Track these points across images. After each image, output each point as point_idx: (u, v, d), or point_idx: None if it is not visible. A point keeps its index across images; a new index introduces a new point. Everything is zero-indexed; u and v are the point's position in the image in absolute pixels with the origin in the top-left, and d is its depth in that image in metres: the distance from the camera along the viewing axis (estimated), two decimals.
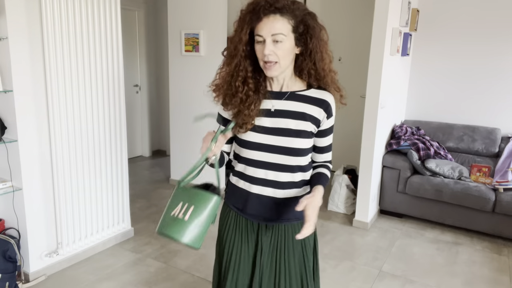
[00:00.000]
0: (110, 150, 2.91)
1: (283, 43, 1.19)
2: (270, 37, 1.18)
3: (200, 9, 3.95)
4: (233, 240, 1.42)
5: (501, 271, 2.89)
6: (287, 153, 1.30)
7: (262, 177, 1.34)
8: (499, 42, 3.78)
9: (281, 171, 1.32)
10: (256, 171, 1.34)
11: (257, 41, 1.21)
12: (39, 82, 2.41)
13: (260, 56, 1.22)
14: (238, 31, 1.24)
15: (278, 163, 1.31)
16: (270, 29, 1.17)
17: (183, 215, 1.19)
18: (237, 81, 1.27)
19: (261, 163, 1.32)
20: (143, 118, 5.71)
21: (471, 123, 3.98)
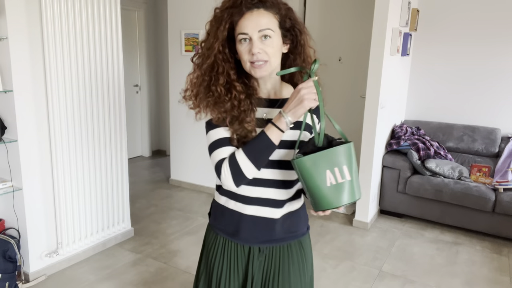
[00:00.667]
0: (110, 150, 2.91)
1: (272, 39, 1.08)
2: (257, 33, 1.05)
3: (200, 9, 3.95)
4: (221, 269, 1.24)
5: (501, 271, 2.89)
6: (286, 167, 1.16)
7: (258, 196, 1.17)
8: (499, 42, 3.78)
9: (280, 188, 1.18)
10: (251, 190, 1.17)
11: (240, 41, 1.08)
12: (39, 82, 2.41)
13: (245, 58, 1.08)
14: (212, 31, 1.10)
15: (276, 179, 1.17)
16: (256, 24, 1.05)
17: (344, 177, 1.02)
18: (218, 86, 1.10)
19: (257, 180, 1.16)
20: (143, 118, 5.71)
21: (471, 123, 3.98)
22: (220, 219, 1.26)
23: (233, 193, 1.20)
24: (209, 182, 4.30)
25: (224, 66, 1.11)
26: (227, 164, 1.08)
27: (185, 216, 3.68)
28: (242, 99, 1.11)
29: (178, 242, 3.16)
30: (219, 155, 1.11)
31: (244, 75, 1.15)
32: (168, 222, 3.54)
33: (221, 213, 1.25)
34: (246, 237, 1.21)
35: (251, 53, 1.07)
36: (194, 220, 3.59)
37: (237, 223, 1.21)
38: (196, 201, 4.05)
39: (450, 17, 3.96)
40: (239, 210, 1.20)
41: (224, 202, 1.24)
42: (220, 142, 1.12)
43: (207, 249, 1.29)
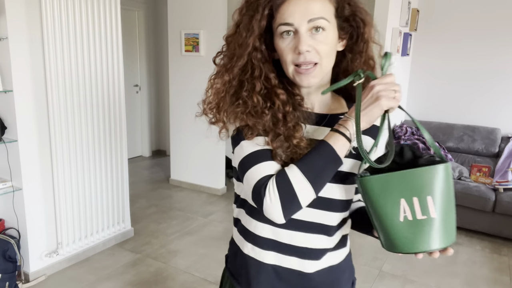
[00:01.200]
0: (110, 150, 2.91)
1: (326, 33, 0.79)
2: (306, 24, 0.77)
3: (200, 9, 3.95)
4: None
5: (501, 271, 2.89)
6: (327, 208, 0.86)
7: (286, 242, 0.88)
8: (499, 42, 3.78)
9: (316, 233, 0.87)
10: (277, 233, 0.87)
11: (281, 34, 0.80)
12: (39, 82, 2.41)
13: (288, 58, 0.80)
14: (245, 21, 0.81)
15: (311, 221, 0.86)
16: (306, 11, 0.77)
17: (426, 213, 0.72)
18: (254, 95, 0.81)
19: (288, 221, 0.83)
20: (143, 118, 5.71)
21: (471, 123, 3.98)
22: (234, 264, 0.98)
23: (252, 235, 0.90)
24: (209, 182, 4.30)
25: (262, 68, 0.82)
26: (274, 184, 0.76)
27: (185, 216, 3.68)
28: (289, 112, 0.82)
29: (178, 242, 3.16)
30: (261, 172, 0.79)
31: (285, 79, 0.86)
32: (168, 222, 3.54)
33: (235, 256, 0.97)
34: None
35: (296, 51, 0.78)
36: (194, 220, 3.59)
37: (255, 274, 0.91)
38: (196, 201, 4.05)
39: (450, 17, 3.96)
40: (257, 256, 0.90)
41: (239, 241, 0.95)
42: (261, 155, 0.81)
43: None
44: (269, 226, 0.87)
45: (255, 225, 0.90)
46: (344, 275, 0.97)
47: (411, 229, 0.74)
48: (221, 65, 0.85)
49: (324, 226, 0.88)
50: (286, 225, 0.86)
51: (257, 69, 0.82)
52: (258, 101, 0.81)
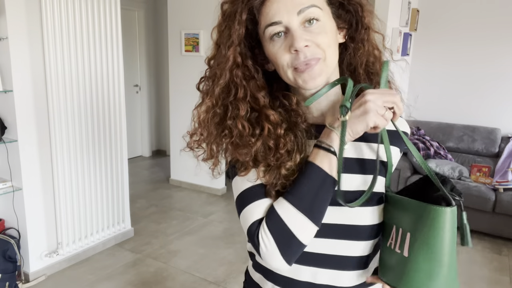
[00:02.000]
0: (110, 150, 2.91)
1: (321, 23, 0.67)
2: (296, 17, 0.66)
3: (200, 9, 3.95)
4: None
5: (501, 271, 2.89)
6: (352, 237, 0.72)
7: (308, 281, 0.75)
8: (499, 42, 3.78)
9: (342, 269, 0.74)
10: (298, 271, 0.75)
11: (271, 38, 0.68)
12: (39, 82, 2.41)
13: (284, 62, 0.68)
14: (224, 35, 0.71)
15: (336, 254, 0.73)
16: (293, 3, 0.65)
17: (401, 248, 0.66)
18: (238, 120, 0.69)
19: (306, 255, 0.73)
20: (143, 118, 5.71)
21: (471, 123, 3.98)
22: None
23: (270, 272, 0.78)
24: (209, 182, 4.30)
25: (246, 87, 0.70)
26: (265, 229, 0.67)
27: (185, 216, 3.68)
28: (281, 135, 0.69)
29: (178, 242, 3.16)
30: (251, 216, 0.70)
31: (281, 93, 0.75)
32: (168, 222, 3.54)
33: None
34: None
35: (292, 50, 0.66)
36: (194, 220, 3.58)
37: None
38: (196, 201, 4.05)
39: (450, 17, 3.96)
40: None
41: (259, 279, 0.82)
42: (252, 193, 0.72)
43: None
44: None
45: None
46: None
47: (391, 257, 0.69)
48: (205, 91, 0.74)
49: (353, 260, 0.74)
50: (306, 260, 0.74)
51: (240, 89, 0.69)
52: (243, 127, 0.69)
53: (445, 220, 0.61)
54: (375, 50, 0.78)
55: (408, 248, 0.65)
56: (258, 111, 0.70)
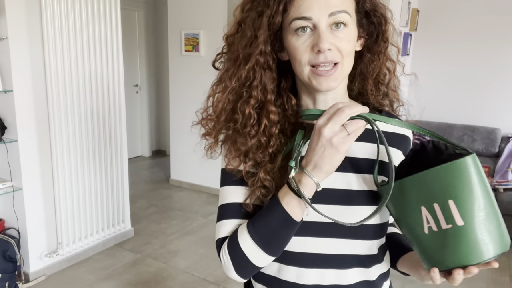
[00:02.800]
0: (110, 150, 2.91)
1: (348, 29, 0.68)
2: (327, 18, 0.66)
3: (200, 9, 3.95)
4: None
5: (501, 271, 2.89)
6: (357, 236, 0.73)
7: (314, 283, 0.74)
8: (499, 42, 3.78)
9: (348, 267, 0.74)
10: (302, 274, 0.74)
11: (295, 31, 0.68)
12: (39, 82, 2.41)
13: (304, 58, 0.68)
14: (251, 17, 0.69)
15: (340, 254, 0.74)
16: (326, 4, 0.65)
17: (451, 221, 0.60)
18: (248, 108, 0.70)
19: (311, 257, 0.73)
20: (143, 118, 5.71)
21: (471, 123, 3.98)
22: None
23: (274, 280, 0.77)
24: (209, 182, 4.30)
25: (262, 76, 0.70)
26: (225, 250, 0.72)
27: (185, 216, 3.68)
28: (274, 135, 0.71)
29: (178, 242, 3.16)
30: (220, 232, 0.75)
31: (286, 92, 0.76)
32: (168, 222, 3.54)
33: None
34: None
35: (316, 49, 0.66)
36: (194, 220, 3.58)
37: None
38: (196, 201, 4.05)
39: (450, 17, 3.96)
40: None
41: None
42: (227, 209, 0.75)
43: None
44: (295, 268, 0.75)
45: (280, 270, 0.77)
46: None
47: (439, 241, 0.62)
48: (224, 70, 0.74)
49: (358, 258, 0.75)
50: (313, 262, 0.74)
51: (257, 77, 0.70)
52: (250, 117, 0.70)
53: (475, 167, 0.59)
54: (389, 62, 0.79)
55: (460, 215, 0.59)
56: (262, 104, 0.71)
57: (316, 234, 0.73)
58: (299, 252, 0.74)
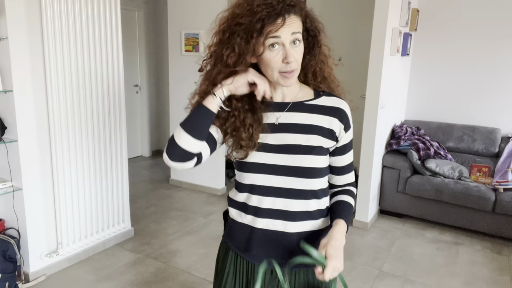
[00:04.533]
0: (110, 150, 2.91)
1: (301, 44, 0.99)
2: (290, 37, 0.95)
3: (200, 9, 3.95)
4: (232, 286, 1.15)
5: (501, 271, 2.89)
6: (298, 175, 1.05)
7: (269, 207, 1.07)
8: (499, 42, 3.78)
9: (292, 198, 1.06)
10: (261, 200, 1.07)
11: (269, 46, 0.96)
12: (39, 82, 2.41)
13: (276, 66, 0.98)
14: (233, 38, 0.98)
15: (287, 187, 1.06)
16: (290, 28, 0.94)
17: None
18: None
19: (267, 189, 1.06)
20: (143, 118, 5.71)
21: (471, 123, 3.98)
22: (231, 234, 1.16)
23: (243, 205, 1.10)
24: (209, 182, 4.30)
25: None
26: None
27: (185, 216, 3.68)
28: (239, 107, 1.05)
29: (178, 242, 3.16)
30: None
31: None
32: (168, 222, 3.54)
33: (232, 227, 1.16)
34: (257, 253, 1.10)
35: (285, 61, 0.96)
36: (194, 220, 3.59)
37: (249, 238, 1.10)
38: (196, 201, 4.05)
39: (450, 17, 3.96)
40: (250, 223, 1.10)
41: (235, 215, 1.14)
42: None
43: (221, 266, 1.20)
44: (256, 196, 1.08)
45: (248, 198, 1.11)
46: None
47: None
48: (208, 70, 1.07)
49: (299, 191, 1.06)
50: (267, 192, 1.06)
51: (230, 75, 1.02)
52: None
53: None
54: (323, 57, 1.09)
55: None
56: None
57: (272, 173, 1.05)
58: (260, 185, 1.06)
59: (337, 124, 1.07)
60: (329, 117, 1.07)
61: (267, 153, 1.05)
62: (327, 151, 1.09)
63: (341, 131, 1.08)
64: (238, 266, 1.14)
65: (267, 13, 0.93)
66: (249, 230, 1.10)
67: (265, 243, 1.09)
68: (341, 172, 1.14)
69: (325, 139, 1.06)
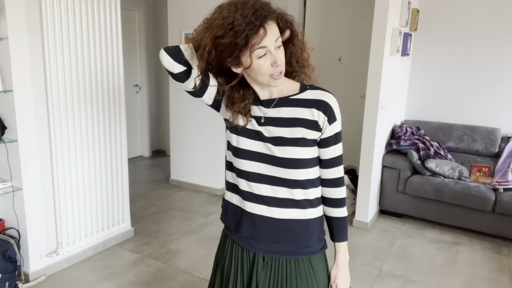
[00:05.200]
0: (110, 150, 2.91)
1: (282, 47, 1.07)
2: (274, 43, 1.03)
3: (200, 9, 3.95)
4: (228, 269, 1.24)
5: (501, 271, 2.89)
6: (283, 165, 1.11)
7: (256, 193, 1.14)
8: (499, 42, 3.78)
9: (277, 185, 1.13)
10: (250, 185, 1.15)
11: (260, 57, 1.03)
12: (39, 82, 2.41)
13: (267, 71, 1.05)
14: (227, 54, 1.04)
15: (272, 175, 1.12)
16: (272, 35, 1.01)
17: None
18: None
19: (254, 175, 1.13)
20: (143, 118, 5.71)
21: (471, 123, 3.98)
22: (226, 215, 1.26)
23: (236, 189, 1.19)
24: (209, 182, 4.30)
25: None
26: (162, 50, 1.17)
27: (185, 216, 3.68)
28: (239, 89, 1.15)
29: (178, 242, 3.16)
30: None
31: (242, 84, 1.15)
32: (168, 222, 3.54)
33: (227, 209, 1.25)
34: (246, 235, 1.18)
35: (275, 65, 1.04)
36: (194, 220, 3.59)
37: (239, 219, 1.19)
38: (196, 201, 4.05)
39: (450, 17, 3.96)
40: (240, 205, 1.19)
41: (229, 197, 1.23)
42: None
43: (221, 250, 1.30)
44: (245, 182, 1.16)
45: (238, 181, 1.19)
46: (312, 234, 1.18)
47: None
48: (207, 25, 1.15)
49: (284, 180, 1.12)
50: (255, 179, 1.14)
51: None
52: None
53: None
54: (301, 43, 1.14)
55: None
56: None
57: (259, 160, 1.12)
58: (248, 171, 1.14)
59: (321, 116, 1.11)
60: (312, 109, 1.12)
61: (257, 141, 1.13)
62: (314, 143, 1.13)
63: (324, 122, 1.11)
64: (234, 250, 1.23)
65: (249, 30, 0.98)
66: (240, 212, 1.19)
67: (253, 226, 1.16)
68: (325, 165, 1.17)
69: (309, 130, 1.11)
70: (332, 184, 1.18)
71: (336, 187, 1.18)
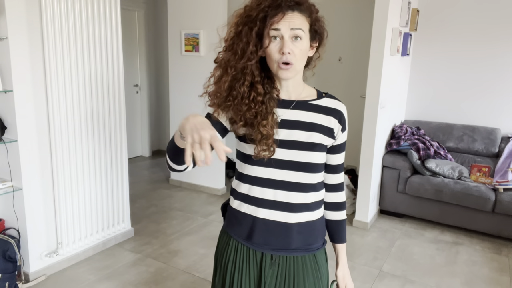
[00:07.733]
0: (110, 150, 2.91)
1: (302, 41, 1.04)
2: (289, 31, 1.02)
3: (200, 9, 3.95)
4: (233, 273, 1.21)
5: (501, 271, 2.89)
6: (300, 169, 1.12)
7: (271, 199, 1.13)
8: (499, 42, 3.78)
9: (293, 191, 1.13)
10: (263, 192, 1.13)
11: (271, 37, 1.03)
12: (39, 82, 2.41)
13: (275, 57, 1.05)
14: (245, 30, 1.04)
15: (289, 181, 1.12)
16: (290, 23, 1.02)
17: None
18: (242, 87, 1.06)
19: (269, 181, 1.12)
20: (143, 118, 5.71)
21: (471, 123, 3.98)
22: (233, 224, 1.21)
23: (246, 196, 1.16)
24: (209, 182, 4.31)
25: (251, 66, 1.06)
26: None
27: (185, 216, 3.68)
28: (259, 101, 1.07)
29: (178, 242, 3.16)
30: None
31: (268, 73, 1.12)
32: (168, 222, 3.54)
33: (234, 218, 1.21)
34: (259, 242, 1.16)
35: (281, 52, 1.03)
36: (194, 220, 3.59)
37: (251, 227, 1.16)
38: (196, 201, 4.05)
39: (450, 17, 3.96)
40: (252, 213, 1.16)
41: (237, 206, 1.19)
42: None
43: (220, 253, 1.25)
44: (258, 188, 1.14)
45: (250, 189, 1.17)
46: (319, 232, 1.21)
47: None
48: (225, 60, 1.08)
49: (298, 185, 1.13)
50: (269, 185, 1.12)
51: (249, 67, 1.06)
52: (244, 92, 1.06)
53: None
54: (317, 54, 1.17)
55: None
56: (252, 84, 1.07)
57: (274, 166, 1.11)
58: (262, 177, 1.13)
59: (336, 124, 1.15)
60: (329, 116, 1.15)
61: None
62: (326, 148, 1.16)
63: (338, 131, 1.16)
64: (239, 253, 1.20)
65: (269, 5, 1.02)
66: (251, 220, 1.16)
67: (267, 232, 1.15)
68: (331, 170, 1.21)
69: (325, 137, 1.13)
70: (336, 188, 1.23)
71: (340, 191, 1.24)
